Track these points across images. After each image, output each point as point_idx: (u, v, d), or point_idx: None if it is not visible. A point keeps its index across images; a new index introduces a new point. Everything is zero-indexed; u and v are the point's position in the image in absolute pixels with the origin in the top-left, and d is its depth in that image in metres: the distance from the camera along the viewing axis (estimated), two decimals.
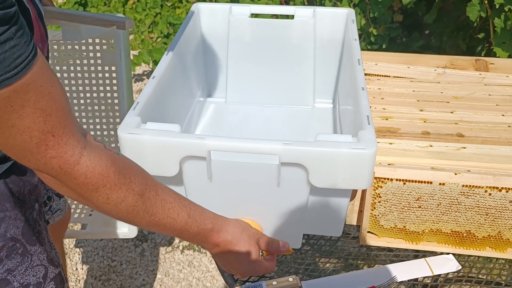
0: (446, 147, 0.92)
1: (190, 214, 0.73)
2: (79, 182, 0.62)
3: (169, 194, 0.72)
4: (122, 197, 0.65)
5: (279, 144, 0.75)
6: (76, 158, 0.61)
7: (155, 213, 0.69)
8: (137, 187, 0.67)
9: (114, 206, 0.66)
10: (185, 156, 0.77)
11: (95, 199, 0.64)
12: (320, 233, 0.94)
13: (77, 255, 1.89)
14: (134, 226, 0.75)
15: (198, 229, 0.74)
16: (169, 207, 0.71)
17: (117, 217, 0.68)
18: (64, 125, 0.59)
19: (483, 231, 0.89)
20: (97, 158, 0.63)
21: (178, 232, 0.73)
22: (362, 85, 0.90)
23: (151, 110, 0.87)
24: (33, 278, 0.86)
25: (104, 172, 0.63)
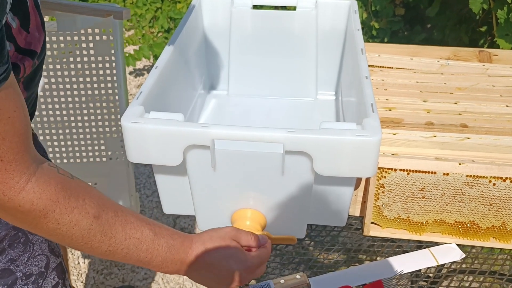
0: (450, 137, 0.91)
1: (155, 231, 0.68)
2: (24, 210, 0.59)
3: (131, 214, 0.67)
4: (75, 221, 0.61)
5: (283, 132, 0.74)
6: (22, 184, 0.58)
7: (115, 235, 0.64)
8: (92, 210, 0.63)
9: (66, 231, 0.61)
10: (189, 145, 0.77)
11: (45, 225, 0.60)
12: (324, 223, 0.93)
13: None
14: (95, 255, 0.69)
15: (167, 245, 0.69)
16: (130, 227, 0.66)
17: (72, 244, 0.63)
18: (17, 151, 0.57)
19: (487, 221, 0.89)
20: (46, 183, 0.60)
21: (146, 253, 0.67)
22: (366, 74, 0.89)
23: (154, 101, 0.87)
24: (36, 268, 0.85)
25: (53, 197, 0.60)
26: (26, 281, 0.84)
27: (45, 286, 0.87)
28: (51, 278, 0.88)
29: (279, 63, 1.26)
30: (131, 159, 0.80)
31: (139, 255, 0.67)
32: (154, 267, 0.70)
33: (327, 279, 0.85)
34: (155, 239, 0.68)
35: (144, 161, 0.79)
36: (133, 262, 0.68)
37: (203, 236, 0.74)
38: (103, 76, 1.64)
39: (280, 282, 0.80)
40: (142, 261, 0.68)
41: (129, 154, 0.79)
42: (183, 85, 1.09)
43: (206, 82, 1.28)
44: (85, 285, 1.76)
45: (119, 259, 0.67)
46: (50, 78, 1.66)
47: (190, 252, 0.71)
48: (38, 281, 0.86)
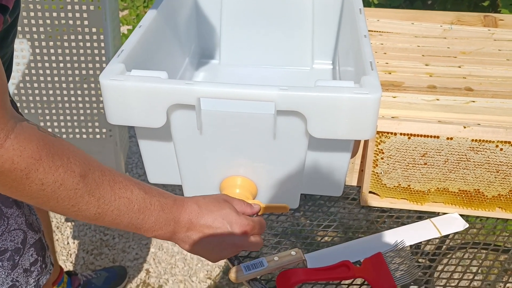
0: (454, 100, 0.86)
1: (146, 190, 0.63)
2: (4, 170, 0.53)
3: (118, 174, 0.62)
4: (60, 180, 0.56)
5: (275, 90, 0.69)
6: (1, 141, 0.52)
7: (103, 195, 0.60)
8: (77, 168, 0.57)
9: (51, 192, 0.56)
10: (172, 105, 0.71)
11: (28, 187, 0.55)
12: (319, 193, 0.88)
13: (68, 229, 1.84)
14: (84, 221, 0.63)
15: (160, 205, 0.64)
16: (119, 186, 0.61)
17: (59, 207, 0.58)
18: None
19: (493, 189, 0.83)
20: (26, 140, 0.54)
21: (137, 213, 0.62)
22: (364, 33, 0.84)
23: (137, 61, 0.81)
24: (11, 243, 0.80)
25: (35, 155, 0.54)
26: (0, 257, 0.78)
27: (22, 263, 0.82)
28: (29, 255, 0.83)
29: (273, 32, 1.20)
30: (111, 120, 0.74)
31: (130, 217, 0.62)
32: (146, 231, 0.64)
33: (325, 254, 0.79)
34: (146, 197, 0.63)
35: (125, 123, 0.74)
36: (124, 225, 0.63)
37: (195, 197, 0.69)
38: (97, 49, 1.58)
39: (274, 259, 0.74)
40: (133, 224, 0.63)
41: (109, 116, 0.74)
42: (170, 50, 1.03)
43: (196, 50, 1.22)
44: (74, 265, 1.71)
45: (109, 222, 0.62)
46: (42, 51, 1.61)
47: (183, 211, 0.66)
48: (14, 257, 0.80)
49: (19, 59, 1.63)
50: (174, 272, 1.71)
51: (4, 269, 0.79)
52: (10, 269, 0.79)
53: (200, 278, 1.68)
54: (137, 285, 1.66)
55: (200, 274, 1.70)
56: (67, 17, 1.52)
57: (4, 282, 0.79)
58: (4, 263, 0.79)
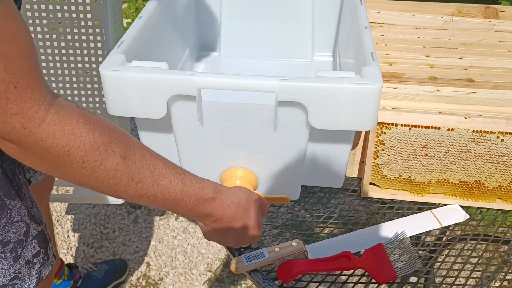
0: (455, 91, 0.85)
1: (185, 181, 0.63)
2: (47, 145, 0.52)
3: (159, 159, 0.62)
4: (101, 159, 0.55)
5: (276, 80, 0.68)
6: (41, 115, 0.51)
7: (142, 180, 0.59)
8: (118, 148, 0.57)
9: (91, 170, 0.55)
10: (173, 96, 0.71)
11: (69, 164, 0.54)
12: (319, 185, 0.88)
13: (68, 223, 1.84)
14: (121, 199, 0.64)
15: (196, 200, 0.64)
16: (159, 173, 0.61)
17: (97, 186, 0.58)
18: (30, 76, 0.50)
19: (493, 181, 0.83)
20: (66, 115, 0.53)
21: (173, 203, 0.63)
22: (365, 24, 0.83)
23: (137, 52, 0.80)
24: (14, 235, 0.80)
25: (76, 131, 0.53)
26: (3, 248, 0.78)
27: (24, 255, 0.81)
28: (31, 247, 0.83)
29: (273, 24, 1.20)
30: (112, 112, 0.74)
31: (164, 204, 0.63)
32: (175, 213, 0.66)
33: (325, 246, 0.79)
34: (184, 190, 0.63)
35: (126, 114, 0.73)
36: (157, 206, 0.64)
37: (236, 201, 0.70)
38: (93, 43, 1.57)
39: (274, 250, 0.74)
40: (166, 208, 0.64)
41: (110, 107, 0.73)
42: (170, 41, 1.03)
43: (196, 42, 1.21)
44: (75, 258, 1.72)
45: (143, 203, 0.63)
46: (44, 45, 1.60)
47: (219, 207, 0.67)
48: (16, 249, 0.80)
49: None
50: (175, 265, 1.71)
51: (7, 261, 0.79)
52: (12, 260, 0.79)
53: (200, 271, 1.69)
54: (137, 278, 1.66)
55: (200, 267, 1.70)
56: (70, 10, 1.51)
57: (6, 273, 0.79)
58: (7, 255, 0.79)
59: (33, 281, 0.83)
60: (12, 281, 0.80)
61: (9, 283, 0.80)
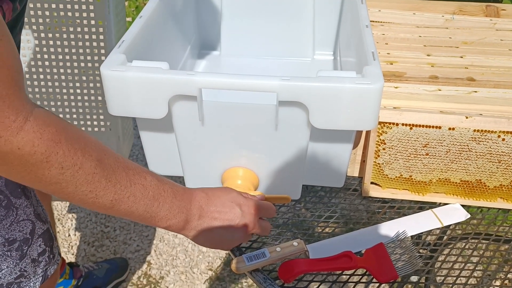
0: (456, 91, 0.85)
1: (157, 178, 0.64)
2: (24, 153, 0.51)
3: (130, 162, 0.62)
4: (79, 164, 0.55)
5: (277, 80, 0.68)
6: (19, 123, 0.50)
7: (119, 180, 0.59)
8: (94, 153, 0.57)
9: (70, 176, 0.55)
10: (174, 96, 0.71)
11: (47, 171, 0.53)
12: (320, 184, 0.88)
13: (69, 221, 1.84)
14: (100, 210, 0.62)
15: (172, 192, 0.64)
16: (133, 173, 0.61)
17: (76, 193, 0.57)
18: (9, 86, 0.50)
19: (494, 180, 0.83)
20: (45, 123, 0.53)
21: (152, 200, 0.62)
22: (366, 23, 0.83)
23: (138, 52, 0.80)
24: (20, 233, 0.80)
25: (55, 137, 0.53)
26: (9, 247, 0.78)
27: (30, 253, 0.82)
28: (37, 245, 0.83)
29: (274, 22, 1.19)
30: (112, 112, 0.74)
31: (145, 204, 0.61)
32: (160, 219, 0.64)
33: (326, 245, 0.79)
34: (159, 184, 0.63)
35: (126, 114, 0.73)
36: (139, 213, 0.62)
37: (201, 187, 0.70)
38: (96, 42, 1.57)
39: (276, 250, 0.74)
40: (148, 212, 0.62)
41: (110, 107, 0.73)
42: (171, 40, 1.03)
43: (196, 41, 1.21)
44: (76, 257, 1.72)
45: (124, 211, 0.61)
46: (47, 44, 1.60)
47: (193, 199, 0.67)
48: (22, 247, 0.80)
49: (20, 51, 1.62)
50: (175, 263, 1.71)
51: (13, 259, 0.79)
52: (18, 259, 0.79)
53: (201, 270, 1.69)
54: (138, 276, 1.66)
55: (201, 266, 1.70)
56: (73, 9, 1.51)
57: (12, 271, 0.79)
58: (13, 253, 0.79)
59: (39, 280, 0.83)
60: (18, 280, 0.80)
61: (14, 281, 0.80)
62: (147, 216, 0.63)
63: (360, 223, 0.84)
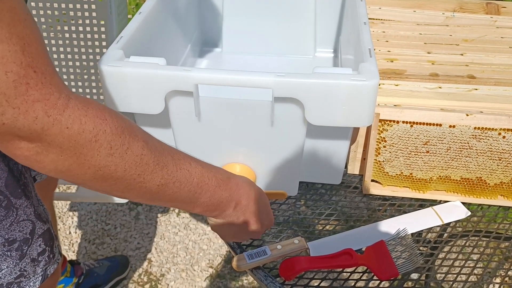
0: (457, 88, 0.85)
1: (202, 164, 0.61)
2: (73, 133, 0.48)
3: (173, 147, 0.59)
4: (127, 143, 0.51)
5: (272, 76, 0.68)
6: (64, 100, 0.47)
7: (167, 165, 0.55)
8: (139, 133, 0.53)
9: (119, 157, 0.51)
10: (171, 91, 0.70)
11: (96, 152, 0.50)
12: (318, 181, 0.87)
13: (70, 219, 1.84)
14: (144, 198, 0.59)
15: (216, 180, 0.62)
16: (178, 157, 0.57)
17: (124, 178, 0.53)
18: (47, 62, 0.47)
19: (495, 177, 0.82)
20: (87, 101, 0.50)
21: (196, 187, 0.59)
22: (364, 20, 0.83)
23: (136, 48, 0.80)
24: (20, 233, 0.80)
25: (100, 114, 0.49)
26: (9, 247, 0.78)
27: (30, 253, 0.81)
28: (37, 245, 0.83)
29: (276, 19, 1.19)
30: (110, 107, 0.73)
31: (189, 190, 0.58)
32: (199, 205, 0.62)
33: (327, 243, 0.79)
34: (204, 171, 0.60)
35: (123, 109, 0.73)
36: (181, 200, 0.59)
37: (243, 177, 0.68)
38: (98, 41, 1.57)
39: (277, 248, 0.74)
40: (190, 198, 0.60)
41: (108, 102, 0.73)
42: (171, 37, 1.02)
43: (198, 38, 1.21)
44: (77, 255, 1.72)
45: (168, 197, 0.58)
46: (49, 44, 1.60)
47: (237, 190, 0.65)
48: (22, 247, 0.80)
49: None
50: (176, 261, 1.71)
51: (13, 259, 0.79)
52: (18, 259, 0.79)
53: (202, 267, 1.68)
54: (139, 274, 1.66)
55: (202, 263, 1.70)
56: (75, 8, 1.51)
57: (12, 271, 0.79)
58: (13, 253, 0.79)
59: (38, 279, 0.83)
60: (18, 279, 0.80)
61: (14, 281, 0.80)
62: (187, 202, 0.60)
63: (360, 220, 0.83)
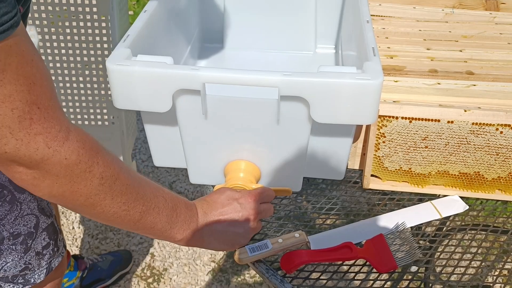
0: (455, 84, 0.87)
1: (170, 191, 0.67)
2: (70, 163, 0.53)
3: (145, 177, 0.65)
4: (116, 174, 0.57)
5: (279, 76, 0.70)
6: (64, 133, 0.52)
7: (146, 193, 0.61)
8: (124, 166, 0.59)
9: (109, 187, 0.56)
10: (178, 90, 0.72)
11: (89, 182, 0.55)
12: (321, 177, 0.89)
13: (73, 214, 1.86)
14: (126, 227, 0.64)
15: (184, 202, 0.68)
16: (153, 186, 0.64)
17: (111, 205, 0.58)
18: (50, 97, 0.51)
19: (492, 172, 0.84)
20: (84, 133, 0.55)
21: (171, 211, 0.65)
22: (367, 18, 0.84)
23: (142, 46, 0.82)
24: (24, 228, 0.82)
25: (94, 147, 0.55)
26: (14, 241, 0.80)
27: (34, 246, 0.83)
28: (41, 239, 0.85)
29: (276, 16, 1.20)
30: (118, 105, 0.75)
31: (167, 215, 0.64)
32: (177, 231, 0.67)
33: (327, 236, 0.81)
34: (174, 197, 0.66)
35: (131, 107, 0.75)
36: (161, 226, 0.64)
37: (199, 198, 0.75)
38: (99, 36, 1.59)
39: (278, 241, 0.76)
40: (169, 223, 0.65)
41: (116, 100, 0.75)
42: (175, 34, 1.04)
43: (200, 34, 1.22)
44: (80, 250, 1.74)
45: (149, 223, 0.63)
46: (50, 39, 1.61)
47: (198, 208, 0.71)
48: (27, 241, 0.82)
49: None
50: (179, 255, 1.73)
51: (17, 253, 0.81)
52: (23, 252, 0.81)
53: (204, 262, 1.71)
54: (142, 268, 1.69)
55: (204, 258, 1.72)
56: (76, 3, 1.52)
57: (17, 265, 0.81)
58: (17, 247, 0.81)
59: (43, 272, 0.85)
60: (23, 272, 0.82)
61: (19, 274, 0.82)
62: (167, 228, 0.65)
63: (360, 215, 0.85)
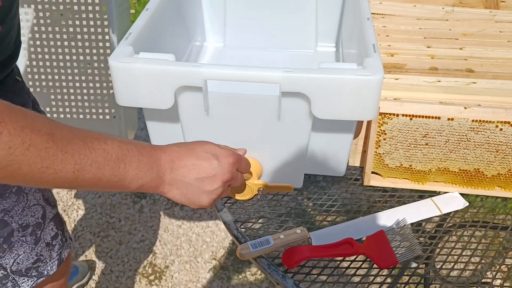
0: (456, 82, 0.87)
1: (120, 140, 0.60)
2: None
3: (91, 131, 0.58)
4: (29, 141, 0.51)
5: (280, 72, 0.70)
6: None
7: (77, 150, 0.55)
8: (43, 128, 0.53)
9: (21, 155, 0.51)
10: (180, 87, 0.73)
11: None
12: (322, 173, 0.90)
13: (75, 212, 1.87)
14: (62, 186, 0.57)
15: (137, 150, 0.60)
16: (91, 140, 0.57)
17: (33, 172, 0.52)
18: None
19: (492, 169, 0.85)
20: None
21: (117, 162, 0.58)
22: (367, 15, 0.85)
23: (144, 43, 0.82)
24: (32, 218, 0.82)
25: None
26: (23, 232, 0.80)
27: (44, 237, 0.83)
28: (49, 229, 0.85)
29: (277, 14, 1.21)
30: (120, 102, 0.76)
31: (111, 167, 0.58)
32: (131, 181, 0.60)
33: (328, 233, 0.81)
34: (122, 145, 0.59)
35: (134, 104, 0.75)
36: (107, 179, 0.58)
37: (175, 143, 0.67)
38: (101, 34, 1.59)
39: (279, 237, 0.76)
40: (116, 175, 0.59)
41: (118, 97, 0.75)
42: (176, 32, 1.05)
43: (201, 33, 1.23)
44: (82, 247, 1.74)
45: (90, 180, 0.57)
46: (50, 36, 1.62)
47: (163, 153, 0.64)
48: (36, 232, 0.82)
49: (26, 43, 1.64)
50: (180, 253, 1.74)
51: (28, 244, 0.81)
52: (33, 243, 0.81)
53: (205, 259, 1.71)
54: (143, 266, 1.69)
55: (205, 255, 1.73)
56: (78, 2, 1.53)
57: (29, 257, 0.81)
58: (27, 238, 0.80)
59: (55, 263, 0.85)
60: (36, 264, 0.82)
61: (32, 266, 0.82)
62: (115, 180, 0.59)
63: (361, 211, 0.86)
